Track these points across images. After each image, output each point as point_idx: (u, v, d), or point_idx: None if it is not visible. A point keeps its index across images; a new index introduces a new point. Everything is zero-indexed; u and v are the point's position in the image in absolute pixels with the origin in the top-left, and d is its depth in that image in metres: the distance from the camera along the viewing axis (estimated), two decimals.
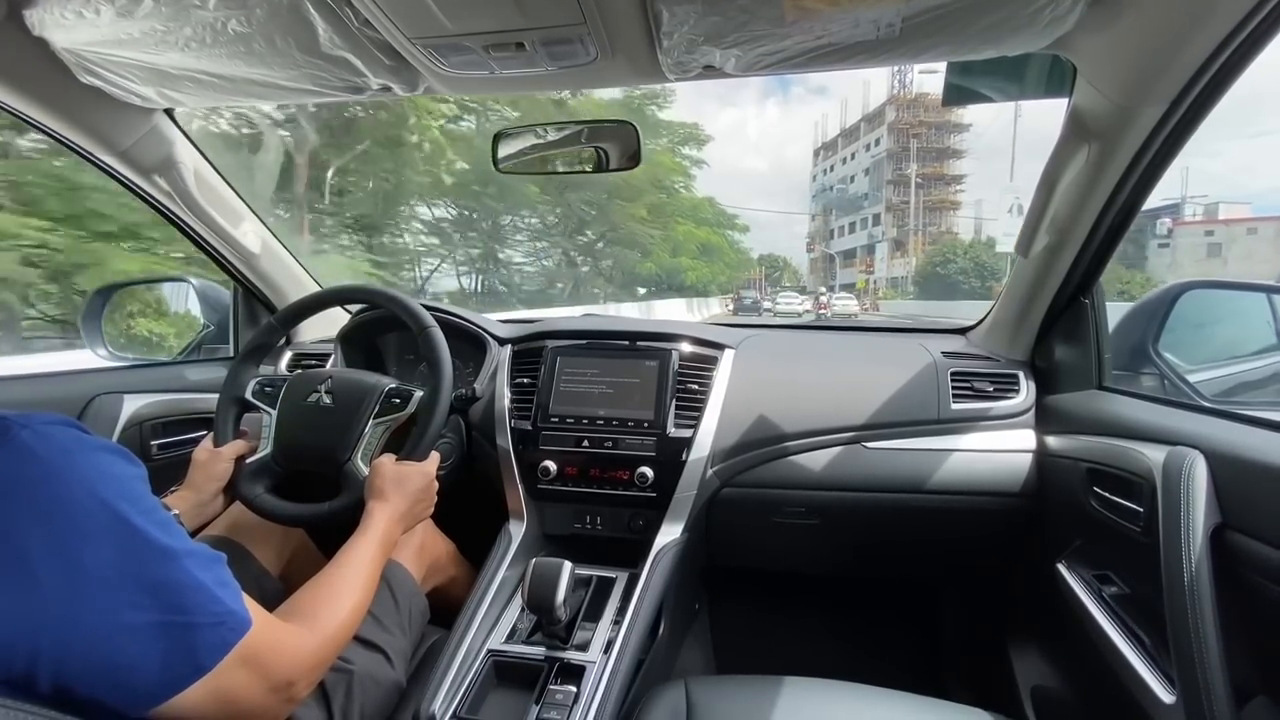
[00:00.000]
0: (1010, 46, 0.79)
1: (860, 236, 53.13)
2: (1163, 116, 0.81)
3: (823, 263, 62.49)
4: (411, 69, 0.89)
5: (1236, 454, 0.72)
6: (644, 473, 1.14)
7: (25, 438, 0.49)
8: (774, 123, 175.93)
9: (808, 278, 68.02)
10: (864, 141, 52.82)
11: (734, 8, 0.72)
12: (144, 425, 1.23)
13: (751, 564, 1.44)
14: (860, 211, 53.66)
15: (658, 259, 24.29)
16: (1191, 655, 0.67)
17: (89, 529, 0.49)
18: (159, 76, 0.92)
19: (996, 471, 1.16)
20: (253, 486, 1.00)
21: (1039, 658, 1.21)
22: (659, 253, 24.27)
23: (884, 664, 1.52)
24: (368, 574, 0.79)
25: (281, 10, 0.76)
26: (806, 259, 71.00)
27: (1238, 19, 0.66)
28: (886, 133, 48.36)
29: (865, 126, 52.75)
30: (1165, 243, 30.93)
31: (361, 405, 1.02)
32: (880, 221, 49.42)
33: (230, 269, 1.42)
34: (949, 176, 47.02)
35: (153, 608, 0.51)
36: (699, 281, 27.38)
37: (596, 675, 0.90)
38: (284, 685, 0.60)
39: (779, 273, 72.25)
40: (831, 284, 54.67)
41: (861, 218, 53.17)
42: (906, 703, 0.83)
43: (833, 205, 59.62)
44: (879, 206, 49.70)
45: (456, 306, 1.41)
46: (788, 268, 75.17)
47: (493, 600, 1.04)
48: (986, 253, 36.01)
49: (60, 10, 0.78)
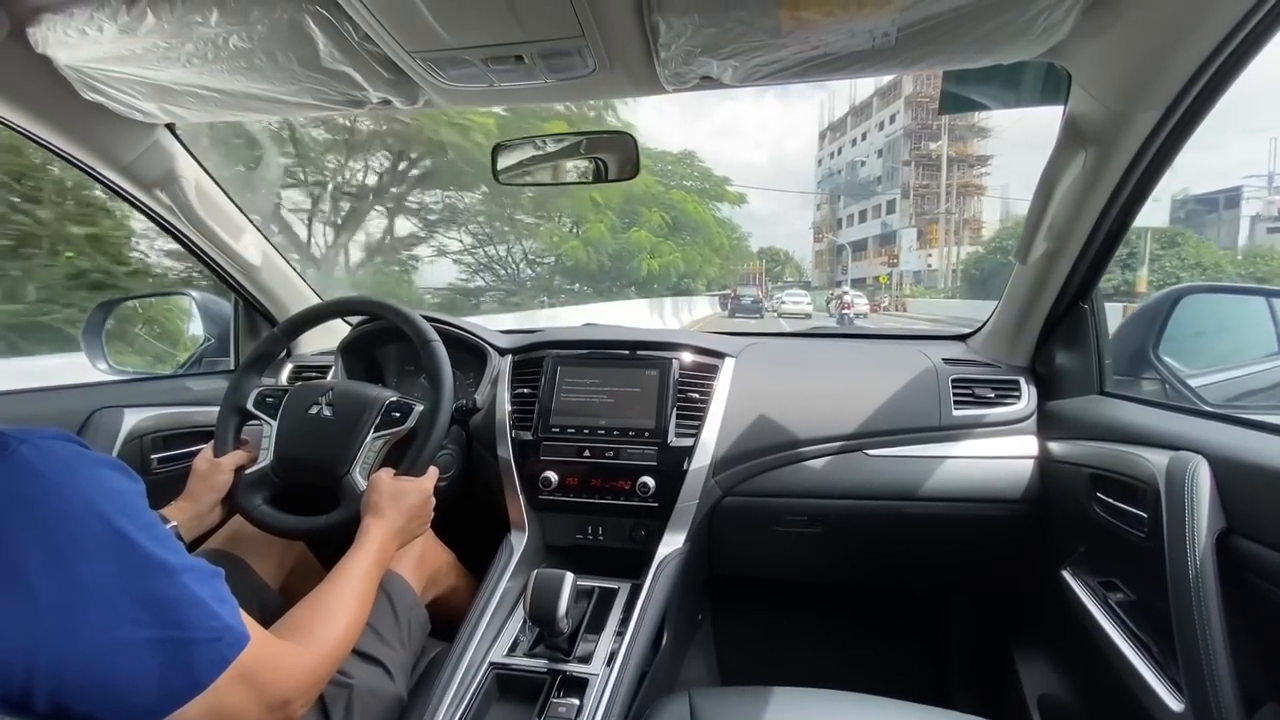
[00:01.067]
0: (1005, 54, 0.80)
1: (872, 226, 46.35)
2: (1158, 122, 0.81)
3: (830, 255, 56.26)
4: (411, 82, 0.90)
5: (1240, 458, 0.72)
6: (645, 482, 1.14)
7: (24, 453, 0.49)
8: (774, 114, 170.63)
9: (812, 272, 61.99)
10: (876, 119, 45.57)
11: (731, 19, 0.73)
12: (144, 439, 1.23)
13: (754, 573, 1.43)
14: (873, 198, 46.84)
15: (593, 239, 16.59)
16: (1199, 662, 0.66)
17: (87, 544, 0.49)
18: (161, 92, 0.93)
19: (998, 478, 1.15)
20: (251, 498, 0.99)
21: (1045, 666, 1.20)
22: (597, 226, 16.69)
23: (889, 674, 1.51)
24: (363, 590, 0.78)
25: (282, 26, 0.77)
26: (809, 253, 65.46)
27: (1231, 24, 0.67)
28: (903, 107, 40.98)
29: (878, 102, 44.96)
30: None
31: (362, 418, 1.02)
32: (895, 209, 42.61)
33: (231, 282, 1.42)
34: (974, 157, 39.58)
35: (151, 623, 0.50)
36: (664, 272, 19.72)
37: (600, 687, 0.89)
38: (280, 704, 0.59)
39: (780, 267, 65.89)
40: (841, 279, 47.83)
41: (874, 205, 46.44)
42: (912, 713, 0.82)
43: (841, 192, 52.93)
44: (894, 192, 42.73)
45: (457, 317, 1.41)
46: (789, 262, 68.86)
47: (494, 612, 1.03)
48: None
49: (63, 28, 0.79)
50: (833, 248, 54.52)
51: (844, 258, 50.90)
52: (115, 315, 1.50)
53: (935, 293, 32.91)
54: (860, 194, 49.28)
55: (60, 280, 4.50)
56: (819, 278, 57.98)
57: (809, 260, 67.19)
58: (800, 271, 66.96)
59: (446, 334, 1.22)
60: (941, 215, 37.97)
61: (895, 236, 41.01)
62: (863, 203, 48.69)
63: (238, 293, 1.46)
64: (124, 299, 1.54)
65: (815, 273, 61.42)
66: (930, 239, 37.65)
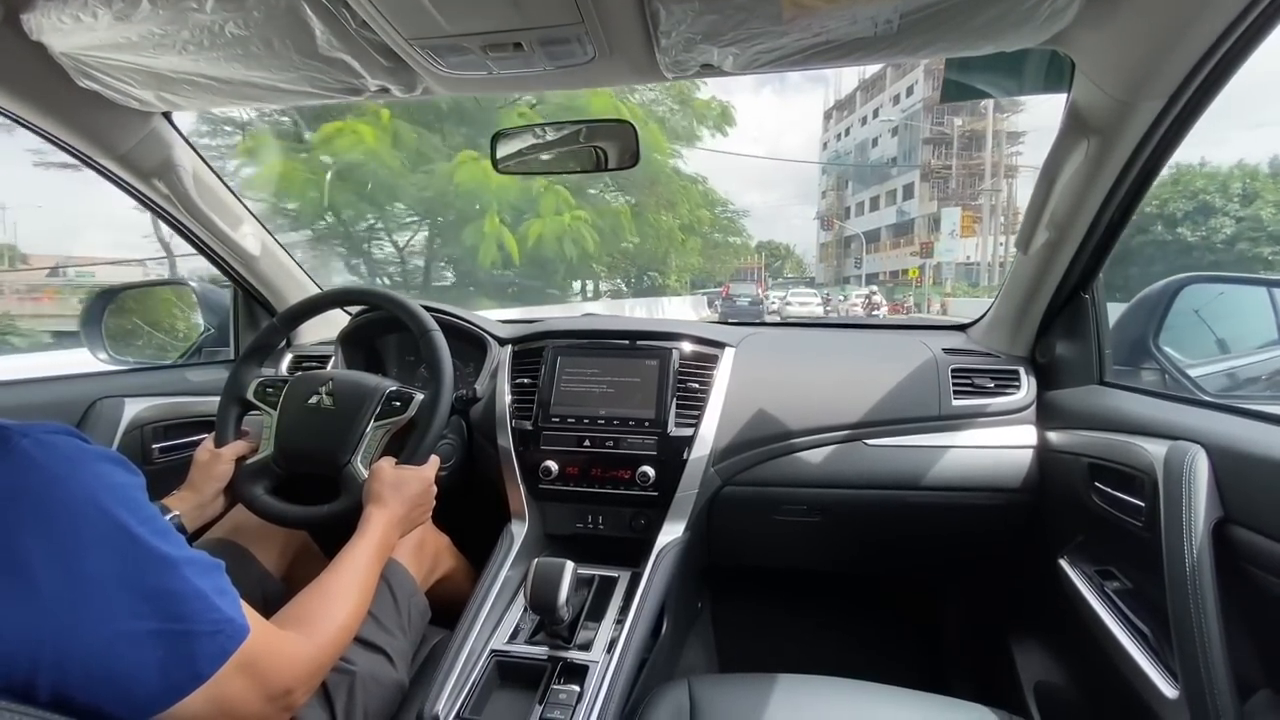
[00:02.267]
0: (1008, 42, 0.79)
1: (886, 214, 40.61)
2: (1161, 111, 0.80)
3: (837, 248, 49.76)
4: (409, 70, 0.89)
5: (1238, 448, 0.72)
6: (645, 472, 1.14)
7: (26, 446, 0.49)
8: (771, 105, 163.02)
9: (817, 267, 55.41)
10: (891, 92, 39.74)
11: (732, 6, 0.72)
12: (145, 429, 1.23)
13: (753, 562, 1.44)
14: (886, 182, 41.10)
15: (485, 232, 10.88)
16: (1194, 649, 0.67)
17: (90, 538, 0.49)
18: (157, 80, 0.92)
19: (998, 467, 1.16)
20: (253, 487, 1.00)
21: (1042, 653, 1.21)
22: (489, 220, 11.10)
23: (887, 661, 1.52)
24: (364, 579, 0.79)
25: (279, 13, 0.76)
26: (812, 247, 59.16)
27: (1236, 12, 0.66)
28: (922, 77, 34.32)
29: (892, 74, 38.23)
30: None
31: (362, 407, 1.02)
32: (915, 193, 36.88)
33: (230, 271, 1.42)
34: (1004, 134, 33.69)
35: (152, 616, 0.51)
36: (579, 260, 12.89)
37: (599, 675, 0.90)
38: (282, 693, 0.60)
39: (780, 262, 60.92)
40: (851, 275, 44.47)
41: (888, 190, 41.01)
42: (909, 700, 0.83)
43: (850, 177, 46.75)
44: (913, 173, 36.94)
45: (457, 307, 1.41)
46: (790, 256, 64.04)
47: (495, 600, 1.04)
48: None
49: (58, 15, 0.78)
50: (840, 239, 49.31)
51: (856, 250, 45.34)
52: (115, 305, 1.50)
53: (976, 290, 26.59)
54: (872, 178, 43.36)
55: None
56: (825, 273, 51.69)
57: (811, 255, 61.71)
58: (802, 267, 61.90)
59: (446, 324, 1.22)
60: (987, 195, 31.23)
61: (913, 225, 36.75)
62: (874, 188, 43.19)
63: (237, 282, 1.46)
64: (123, 288, 1.54)
65: (821, 268, 54.54)
66: (964, 227, 29.48)
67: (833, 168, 49.46)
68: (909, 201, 37.62)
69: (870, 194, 43.67)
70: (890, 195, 40.60)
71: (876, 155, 42.43)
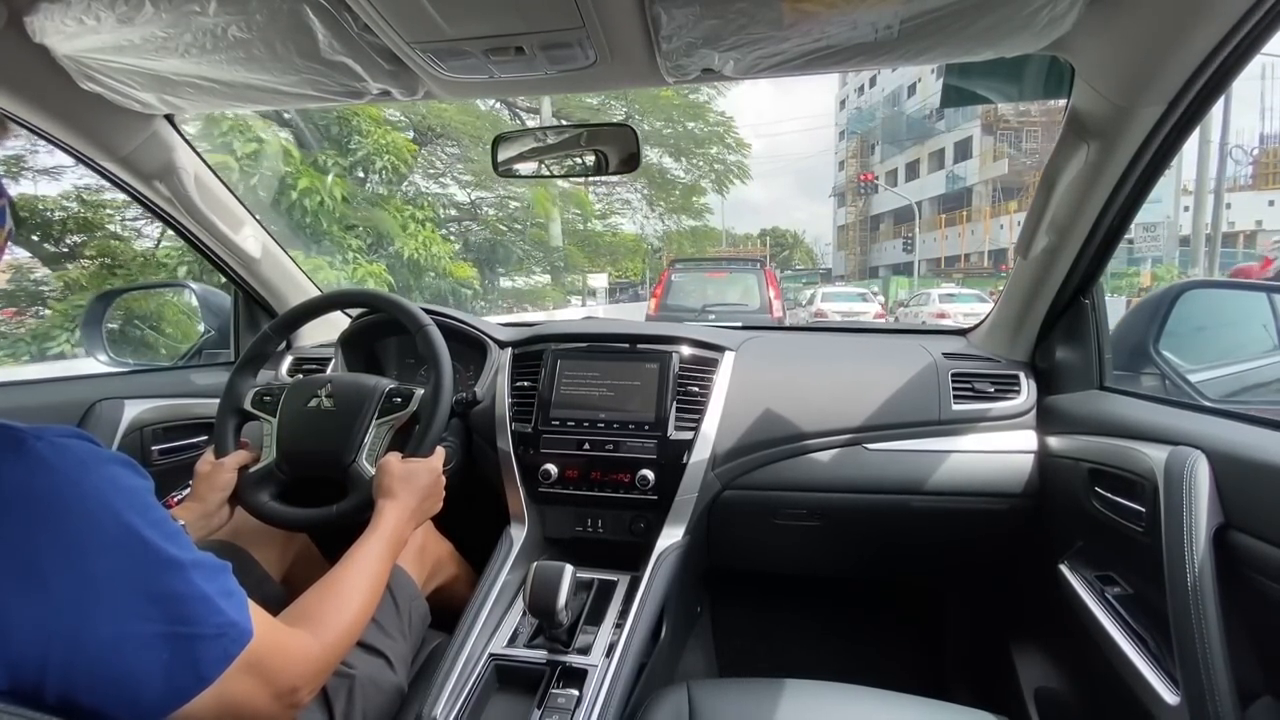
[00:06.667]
0: (1008, 48, 0.79)
1: (930, 182, 30.27)
2: (1161, 116, 0.81)
3: (860, 231, 37.12)
4: (410, 73, 0.90)
5: (1238, 454, 0.72)
6: (645, 475, 1.14)
7: (41, 449, 0.50)
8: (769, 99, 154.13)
9: (835, 256, 43.00)
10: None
11: (732, 11, 0.72)
12: (145, 430, 1.23)
13: (753, 566, 1.43)
14: (931, 139, 30.17)
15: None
16: (1195, 656, 0.67)
17: (101, 540, 0.50)
18: (159, 82, 0.92)
19: (998, 472, 1.16)
20: (258, 494, 0.99)
21: (1042, 659, 1.21)
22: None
23: (887, 666, 1.52)
24: (376, 574, 0.79)
25: (281, 16, 0.76)
26: (828, 231, 46.37)
27: (1235, 19, 0.67)
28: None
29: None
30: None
31: (363, 407, 1.02)
32: (971, 151, 27.42)
33: (231, 274, 1.42)
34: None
35: (159, 619, 0.51)
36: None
37: (598, 679, 0.90)
38: (288, 692, 0.60)
39: (788, 252, 48.76)
40: (874, 266, 34.62)
41: (932, 150, 30.41)
42: (910, 705, 0.83)
43: (876, 139, 34.87)
44: (972, 126, 26.83)
45: (458, 310, 1.41)
46: (800, 245, 51.01)
47: (494, 604, 1.04)
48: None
49: (61, 17, 0.78)
50: (864, 220, 36.97)
51: (887, 232, 33.55)
52: (115, 307, 1.50)
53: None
54: (910, 135, 31.74)
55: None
56: (847, 264, 38.74)
57: (827, 241, 48.39)
58: (813, 258, 49.59)
59: (447, 327, 1.22)
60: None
61: (970, 194, 27.48)
62: (910, 150, 32.17)
63: (238, 285, 1.46)
64: (123, 290, 1.54)
65: (840, 257, 41.17)
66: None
67: (853, 132, 37.58)
68: (965, 162, 28.02)
69: (906, 158, 32.73)
70: (936, 157, 30.42)
71: (914, 109, 31.00)
